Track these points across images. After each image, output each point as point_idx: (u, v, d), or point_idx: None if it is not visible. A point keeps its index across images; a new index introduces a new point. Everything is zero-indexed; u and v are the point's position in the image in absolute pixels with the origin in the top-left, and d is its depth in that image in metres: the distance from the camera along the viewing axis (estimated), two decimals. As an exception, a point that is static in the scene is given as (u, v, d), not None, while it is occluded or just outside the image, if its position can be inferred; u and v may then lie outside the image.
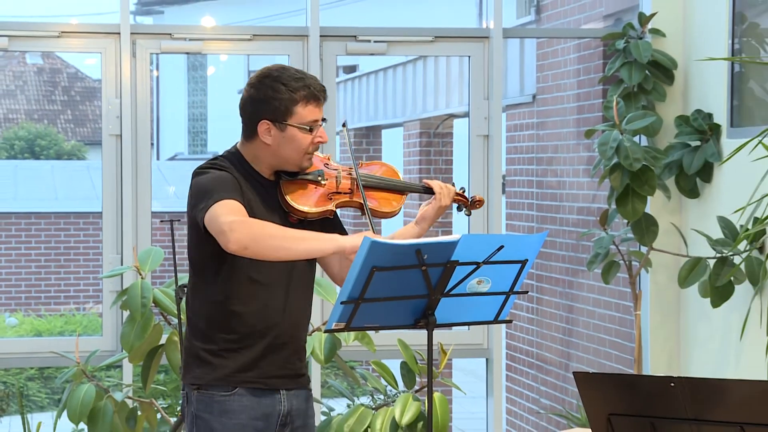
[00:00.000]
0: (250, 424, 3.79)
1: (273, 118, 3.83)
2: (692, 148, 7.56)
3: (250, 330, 3.81)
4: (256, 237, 3.63)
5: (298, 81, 3.85)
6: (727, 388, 3.34)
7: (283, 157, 3.87)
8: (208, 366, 3.82)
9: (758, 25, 7.49)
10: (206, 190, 3.75)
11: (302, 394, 3.93)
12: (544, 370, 10.28)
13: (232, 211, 3.68)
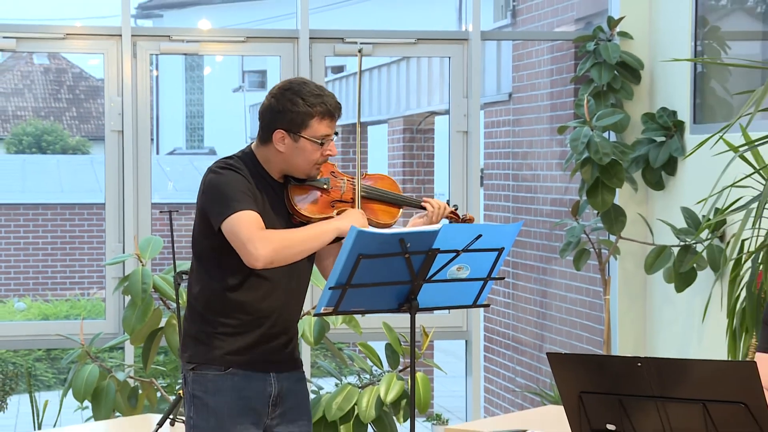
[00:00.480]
0: (242, 403, 3.78)
1: (288, 128, 3.83)
2: (658, 144, 7.58)
3: (248, 318, 3.81)
4: (278, 250, 3.69)
5: (317, 97, 3.85)
6: (690, 367, 3.35)
7: (293, 165, 3.87)
8: (204, 346, 3.81)
9: (719, 29, 7.50)
10: (224, 196, 3.76)
11: (293, 376, 3.92)
12: (520, 351, 10.29)
13: (251, 224, 3.70)
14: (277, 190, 3.88)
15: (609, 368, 3.50)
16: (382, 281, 3.69)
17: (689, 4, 7.52)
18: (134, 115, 7.59)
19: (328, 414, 6.81)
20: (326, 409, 6.83)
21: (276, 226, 3.82)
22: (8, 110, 25.81)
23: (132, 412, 6.84)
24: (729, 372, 3.32)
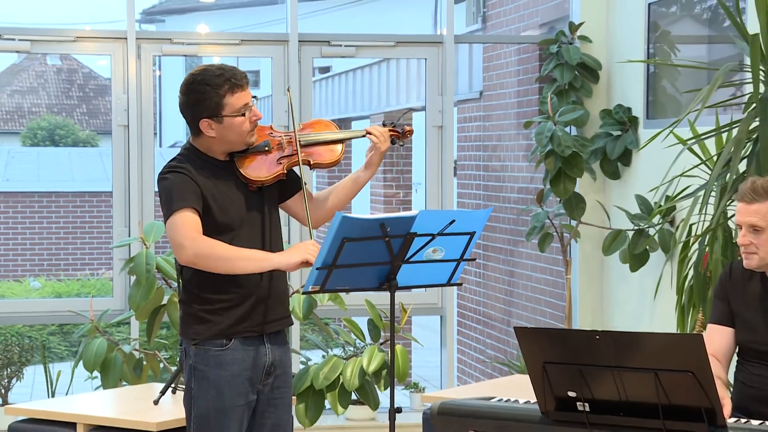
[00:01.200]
0: (241, 374, 3.77)
1: (209, 115, 3.76)
2: (614, 137, 7.59)
3: (239, 290, 3.79)
4: (202, 258, 3.66)
5: (219, 77, 3.76)
6: (643, 339, 3.36)
7: (231, 142, 3.82)
8: (207, 323, 3.79)
9: (669, 33, 7.51)
10: (167, 198, 3.73)
11: (283, 347, 3.91)
12: (489, 326, 10.31)
13: (185, 225, 3.67)
14: (226, 168, 3.84)
15: (570, 341, 3.50)
16: (364, 262, 3.68)
17: (642, 11, 7.53)
18: (139, 111, 7.57)
19: (315, 383, 6.81)
20: (314, 379, 6.83)
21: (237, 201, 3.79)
22: (24, 107, 25.75)
23: (137, 381, 6.83)
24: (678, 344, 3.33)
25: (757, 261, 3.78)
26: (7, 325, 10.72)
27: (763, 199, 3.74)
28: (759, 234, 3.74)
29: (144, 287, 6.75)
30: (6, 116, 25.84)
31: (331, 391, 6.86)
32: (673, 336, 3.34)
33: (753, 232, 3.75)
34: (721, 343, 3.89)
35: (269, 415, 3.86)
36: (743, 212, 3.77)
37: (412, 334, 7.79)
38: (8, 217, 18.28)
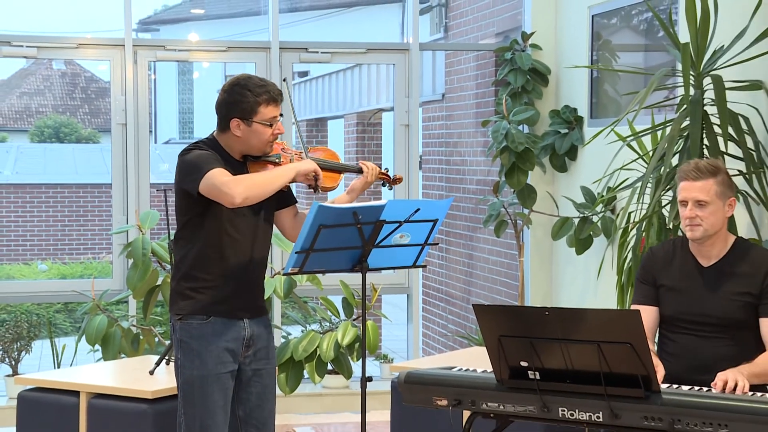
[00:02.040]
0: (222, 345, 3.76)
1: (241, 116, 3.78)
2: (562, 134, 7.61)
3: (224, 272, 3.78)
4: (249, 187, 3.64)
5: (261, 87, 3.80)
6: (587, 315, 3.37)
7: (251, 146, 3.83)
8: (190, 299, 3.78)
9: (610, 42, 7.53)
10: (195, 165, 3.72)
11: (262, 322, 3.90)
12: (451, 303, 10.33)
13: (222, 174, 3.67)
14: (238, 167, 3.84)
15: (522, 316, 3.51)
16: (338, 246, 3.68)
17: (586, 22, 7.55)
18: (135, 111, 7.54)
19: (295, 355, 6.81)
20: (294, 351, 6.83)
21: None
22: (32, 107, 25.63)
23: (134, 353, 6.82)
24: (618, 319, 3.34)
25: (702, 232, 3.81)
26: (17, 303, 10.68)
27: (707, 177, 3.78)
28: (704, 207, 3.78)
29: (140, 269, 6.73)
30: (15, 116, 25.69)
31: (309, 362, 6.87)
32: (613, 312, 3.36)
33: (698, 206, 3.79)
34: (647, 322, 3.91)
35: (255, 384, 3.86)
36: (689, 189, 3.80)
37: (382, 311, 7.80)
38: (18, 207, 18.21)
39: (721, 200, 3.79)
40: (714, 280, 3.83)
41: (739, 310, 3.77)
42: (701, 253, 3.86)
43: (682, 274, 3.89)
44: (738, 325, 3.78)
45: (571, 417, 3.43)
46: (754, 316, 3.78)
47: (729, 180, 3.84)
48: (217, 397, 3.75)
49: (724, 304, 3.79)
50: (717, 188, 3.78)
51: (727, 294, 3.79)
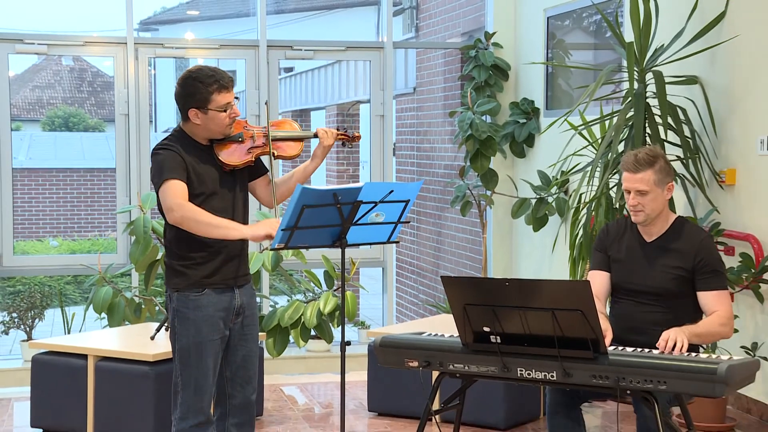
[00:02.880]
0: (215, 314, 3.74)
1: (197, 106, 3.72)
2: (521, 124, 7.62)
3: (211, 248, 3.74)
4: (187, 219, 3.60)
5: (211, 78, 3.72)
6: (543, 285, 3.38)
7: (211, 131, 3.77)
8: (184, 276, 3.75)
9: (563, 41, 7.54)
10: (159, 169, 3.68)
11: (249, 291, 3.89)
12: (422, 275, 10.35)
13: (175, 193, 3.63)
14: (206, 151, 3.79)
15: (485, 287, 3.52)
16: (320, 224, 3.67)
17: (542, 23, 7.55)
18: (137, 102, 7.50)
19: (282, 322, 6.81)
20: (280, 319, 6.83)
21: (213, 177, 3.74)
22: (43, 99, 25.46)
23: (137, 321, 6.80)
24: (570, 289, 3.35)
25: (643, 216, 3.83)
26: (30, 276, 10.62)
27: (645, 169, 3.79)
28: (644, 196, 3.79)
29: (142, 245, 6.70)
30: (29, 107, 25.52)
31: (295, 329, 6.87)
32: (566, 282, 3.37)
33: (639, 194, 3.80)
34: (600, 285, 3.94)
35: (241, 348, 3.85)
36: (630, 180, 3.81)
37: (360, 283, 7.81)
38: (31, 189, 18.13)
39: (660, 187, 3.80)
40: (653, 255, 3.85)
41: (673, 282, 3.80)
42: (645, 230, 3.89)
43: (627, 248, 3.91)
44: (671, 295, 3.80)
45: (528, 376, 3.44)
46: (686, 287, 3.80)
47: (667, 166, 3.85)
48: (209, 361, 3.74)
49: (659, 276, 3.82)
50: (655, 177, 3.79)
51: (663, 267, 3.82)
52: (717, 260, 3.81)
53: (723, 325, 3.71)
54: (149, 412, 4.86)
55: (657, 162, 3.80)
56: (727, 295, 3.80)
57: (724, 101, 5.62)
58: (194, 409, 3.73)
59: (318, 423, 5.37)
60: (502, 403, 5.12)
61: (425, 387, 5.08)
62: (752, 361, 3.44)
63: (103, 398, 4.98)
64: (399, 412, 5.38)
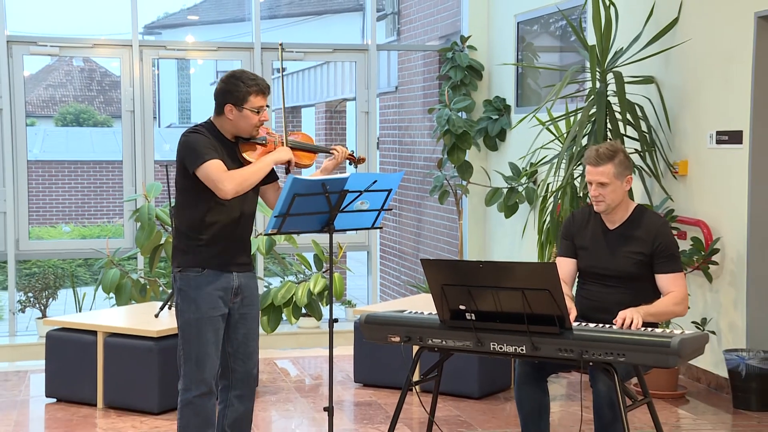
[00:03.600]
0: (214, 294, 3.73)
1: (234, 103, 3.74)
2: (494, 120, 7.62)
3: (216, 233, 3.73)
4: (239, 183, 3.62)
5: (252, 81, 3.75)
6: (514, 267, 3.39)
7: (240, 128, 3.78)
8: (187, 255, 3.74)
9: (532, 44, 7.54)
10: (195, 149, 3.67)
11: (248, 275, 3.88)
12: (403, 258, 10.35)
13: (218, 169, 3.64)
14: (231, 146, 3.79)
15: (461, 269, 3.52)
16: (310, 212, 3.66)
17: (513, 28, 7.55)
18: (142, 100, 7.47)
19: (275, 301, 6.80)
20: (274, 298, 6.82)
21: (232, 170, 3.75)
22: (56, 97, 25.35)
23: (142, 300, 6.78)
24: (538, 270, 3.36)
25: (604, 206, 3.83)
26: (44, 259, 10.57)
27: (606, 163, 3.79)
28: (605, 187, 3.79)
29: (146, 231, 6.69)
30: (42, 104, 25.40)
31: (287, 307, 6.86)
32: (535, 264, 3.37)
33: (600, 186, 3.80)
34: (567, 270, 3.94)
35: (241, 326, 3.84)
36: (592, 173, 3.81)
37: (347, 265, 7.81)
38: (45, 179, 18.07)
39: (619, 180, 3.80)
40: (615, 242, 3.86)
41: (633, 266, 3.81)
42: (607, 218, 3.89)
43: (592, 235, 3.92)
44: (632, 278, 3.81)
45: (500, 350, 3.45)
46: (646, 271, 3.81)
47: (626, 160, 3.85)
48: (210, 336, 3.73)
49: (621, 261, 3.82)
50: (615, 170, 3.79)
51: (624, 253, 3.82)
52: (673, 245, 3.82)
53: (677, 305, 3.73)
54: (154, 383, 4.85)
55: (617, 156, 3.81)
56: (683, 277, 3.81)
57: (678, 99, 5.64)
58: (196, 381, 3.72)
59: (308, 393, 5.38)
60: (476, 374, 5.14)
61: (406, 360, 5.09)
62: (702, 335, 3.46)
63: (111, 371, 4.96)
64: (382, 383, 5.38)
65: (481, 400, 5.15)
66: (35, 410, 5.05)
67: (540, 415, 3.75)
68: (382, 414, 4.90)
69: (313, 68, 13.83)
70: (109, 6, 26.59)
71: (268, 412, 4.99)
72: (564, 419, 4.83)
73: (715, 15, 5.36)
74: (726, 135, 5.28)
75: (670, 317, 3.74)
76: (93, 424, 4.75)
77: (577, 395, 5.25)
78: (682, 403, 5.15)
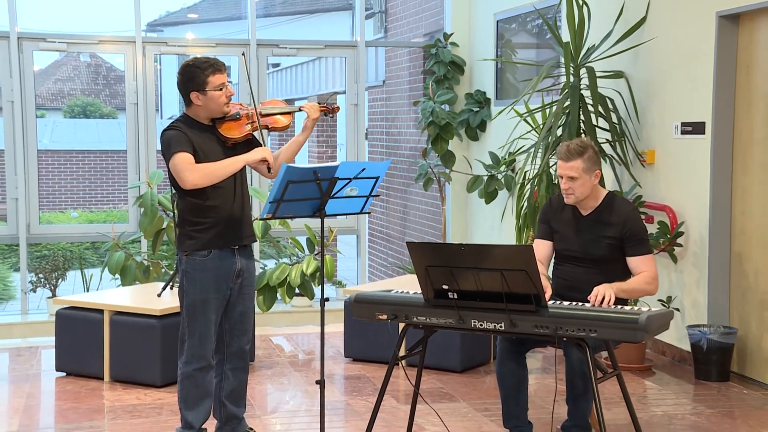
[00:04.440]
0: (218, 276, 3.73)
1: (197, 89, 3.69)
2: (475, 112, 7.61)
3: (218, 216, 3.73)
4: (202, 176, 3.58)
5: (205, 63, 3.70)
6: (493, 249, 3.39)
7: (211, 110, 3.74)
8: (193, 239, 3.73)
9: (511, 41, 7.53)
10: (167, 144, 3.65)
11: (249, 254, 3.87)
12: (390, 241, 10.35)
13: (183, 161, 3.60)
14: (209, 130, 3.76)
15: (444, 251, 3.52)
16: (302, 197, 3.65)
17: (493, 25, 7.54)
18: (145, 93, 7.43)
19: (270, 281, 6.80)
20: (269, 279, 6.82)
21: (216, 152, 3.72)
22: (64, 90, 25.24)
23: (146, 281, 6.76)
24: (516, 252, 3.36)
25: (573, 199, 3.83)
26: (54, 242, 10.53)
27: (575, 158, 3.79)
28: (574, 181, 3.79)
29: (149, 216, 6.66)
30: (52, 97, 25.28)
31: (281, 287, 6.86)
32: (513, 246, 3.38)
33: (570, 180, 3.80)
34: (544, 252, 3.94)
35: (239, 305, 3.84)
36: (563, 167, 3.81)
37: (337, 248, 7.80)
38: (55, 168, 18.00)
39: (588, 174, 3.81)
40: (587, 227, 3.87)
41: (604, 249, 3.82)
42: (580, 205, 3.90)
43: (566, 220, 3.92)
44: (603, 260, 3.82)
45: (480, 327, 3.46)
46: (617, 253, 3.82)
47: (595, 156, 3.84)
48: (212, 315, 3.73)
49: (593, 244, 3.83)
50: (584, 165, 3.79)
51: (596, 237, 3.83)
52: (642, 229, 3.83)
53: (648, 284, 3.74)
54: (156, 358, 4.85)
55: (586, 152, 3.81)
56: (652, 259, 3.82)
57: (645, 93, 5.64)
58: (198, 356, 3.72)
59: (301, 367, 5.38)
60: (458, 349, 5.15)
61: (393, 336, 5.10)
62: (667, 312, 3.47)
63: (117, 347, 4.95)
64: (371, 358, 5.39)
65: (462, 373, 5.16)
66: (46, 383, 5.04)
67: (519, 388, 3.76)
68: (371, 386, 4.91)
69: (306, 63, 13.79)
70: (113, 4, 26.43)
71: (263, 385, 4.99)
72: (540, 390, 4.85)
73: (680, 14, 5.36)
74: (690, 126, 5.29)
75: (642, 295, 3.76)
76: (100, 396, 4.74)
77: (552, 368, 5.27)
78: (648, 374, 5.18)
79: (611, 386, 4.73)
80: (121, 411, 4.48)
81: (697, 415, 4.41)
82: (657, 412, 4.45)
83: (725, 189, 5.15)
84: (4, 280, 12.89)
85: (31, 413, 4.49)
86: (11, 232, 7.36)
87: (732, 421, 4.32)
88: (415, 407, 3.89)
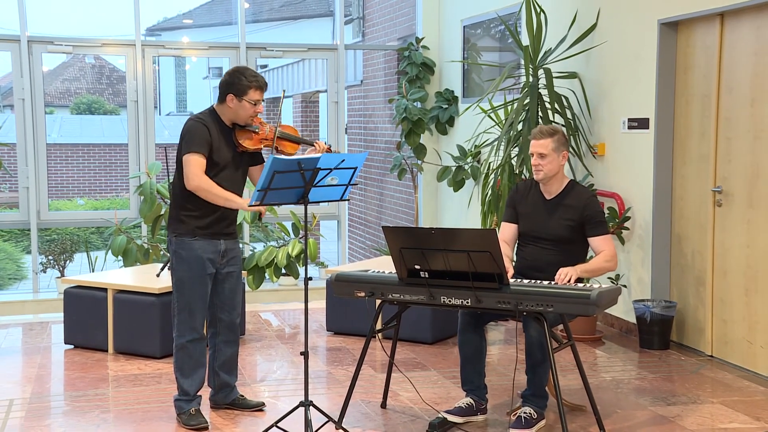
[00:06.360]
0: (204, 255, 3.70)
1: (236, 93, 3.68)
2: (444, 108, 7.60)
3: (205, 206, 3.70)
4: (200, 189, 3.56)
5: (253, 77, 3.69)
6: (461, 233, 3.39)
7: (238, 116, 3.72)
8: (183, 224, 3.70)
9: (476, 45, 7.52)
10: (188, 139, 3.62)
11: (233, 241, 3.85)
12: (368, 226, 10.34)
13: (196, 165, 3.57)
14: (228, 131, 3.75)
15: (416, 234, 3.52)
16: (288, 186, 3.62)
17: (460, 30, 7.52)
18: (144, 92, 7.36)
19: (259, 262, 6.76)
20: (258, 260, 6.78)
21: (227, 152, 3.70)
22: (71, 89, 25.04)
23: (146, 262, 6.71)
24: (481, 235, 3.36)
25: (542, 175, 3.83)
26: (62, 227, 10.43)
27: (546, 138, 3.79)
28: (544, 158, 3.79)
29: (149, 203, 6.61)
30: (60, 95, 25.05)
31: (269, 268, 6.83)
32: (478, 230, 3.38)
33: (540, 157, 3.80)
34: (509, 234, 3.94)
35: (227, 283, 3.82)
36: (535, 145, 3.82)
37: (320, 232, 7.77)
38: (62, 159, 17.86)
39: (556, 153, 3.81)
40: (551, 210, 3.87)
41: (566, 231, 3.82)
42: (545, 189, 3.90)
43: (532, 204, 3.92)
44: (564, 241, 3.82)
45: (449, 302, 3.46)
46: (577, 235, 3.82)
47: (564, 139, 3.86)
48: (200, 291, 3.71)
49: (555, 226, 3.83)
50: (553, 145, 3.79)
51: (558, 219, 3.83)
52: (600, 213, 3.84)
53: (608, 262, 3.75)
54: (156, 332, 4.82)
55: (556, 134, 3.82)
56: (610, 239, 3.82)
57: (597, 91, 5.65)
58: (189, 328, 3.71)
59: (287, 340, 5.36)
60: (429, 323, 5.15)
61: (370, 312, 5.09)
62: (616, 288, 3.49)
63: (119, 322, 4.92)
64: (350, 332, 5.38)
65: (433, 345, 5.17)
66: (56, 355, 5.00)
67: (478, 356, 3.77)
68: (350, 357, 4.91)
69: (291, 65, 13.71)
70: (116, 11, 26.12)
71: (253, 357, 4.97)
72: (502, 360, 4.87)
73: (626, 21, 5.37)
74: (636, 122, 5.31)
75: (604, 272, 3.76)
76: (105, 366, 4.71)
77: (513, 340, 5.29)
78: (599, 344, 5.21)
79: (566, 355, 4.76)
80: (123, 380, 4.45)
81: (641, 380, 4.45)
82: (606, 378, 4.48)
83: (666, 178, 5.18)
84: (17, 261, 12.77)
85: (42, 382, 4.45)
86: (23, 218, 7.28)
87: (671, 384, 4.37)
88: (390, 375, 3.90)
